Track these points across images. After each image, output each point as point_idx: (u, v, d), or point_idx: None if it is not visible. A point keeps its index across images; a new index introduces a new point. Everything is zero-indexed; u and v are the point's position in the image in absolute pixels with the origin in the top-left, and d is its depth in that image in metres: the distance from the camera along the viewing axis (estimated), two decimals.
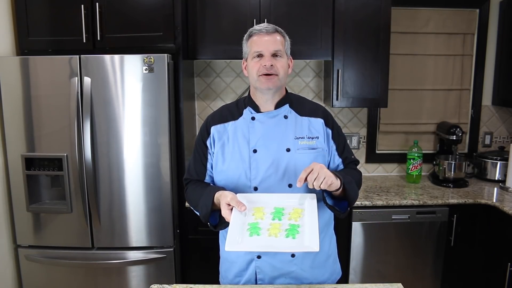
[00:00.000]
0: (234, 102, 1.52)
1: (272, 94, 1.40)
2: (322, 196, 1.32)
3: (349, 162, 1.50)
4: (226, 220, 1.24)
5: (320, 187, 1.20)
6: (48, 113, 2.17)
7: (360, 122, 2.95)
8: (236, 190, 1.37)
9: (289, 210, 1.28)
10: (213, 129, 1.45)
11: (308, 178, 1.21)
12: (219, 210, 1.29)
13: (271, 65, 1.34)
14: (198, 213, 1.40)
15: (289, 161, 1.37)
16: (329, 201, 1.32)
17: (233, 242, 1.14)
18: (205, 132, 1.47)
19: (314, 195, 1.30)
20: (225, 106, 1.54)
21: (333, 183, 1.23)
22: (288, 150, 1.38)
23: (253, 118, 1.42)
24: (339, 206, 1.34)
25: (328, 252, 1.50)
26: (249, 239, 1.17)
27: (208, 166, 1.47)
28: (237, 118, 1.45)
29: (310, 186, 1.21)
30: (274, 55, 1.36)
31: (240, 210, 1.23)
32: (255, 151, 1.39)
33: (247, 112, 1.44)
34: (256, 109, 1.43)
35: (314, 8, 2.44)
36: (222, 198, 1.26)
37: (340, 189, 1.29)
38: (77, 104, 2.13)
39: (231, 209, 1.24)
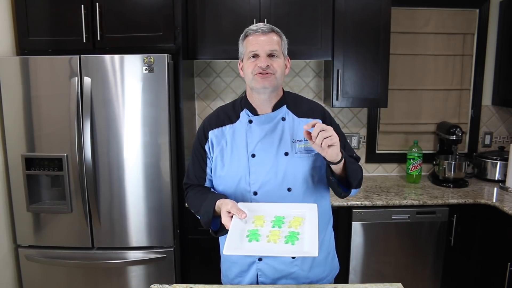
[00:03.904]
0: (230, 104, 1.50)
1: (269, 94, 1.37)
2: (326, 171, 1.31)
3: None
4: (226, 228, 1.23)
5: (322, 144, 1.17)
6: (48, 113, 2.17)
7: (360, 122, 2.95)
8: (235, 195, 1.37)
9: (290, 218, 1.27)
10: (211, 133, 1.43)
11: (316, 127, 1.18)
12: (220, 216, 1.28)
13: (267, 65, 1.31)
14: (199, 217, 1.40)
15: (288, 165, 1.36)
16: (333, 178, 1.31)
17: (232, 247, 1.13)
18: (203, 136, 1.45)
19: (315, 205, 1.29)
20: (221, 108, 1.51)
21: (335, 145, 1.19)
22: (286, 154, 1.37)
23: (250, 121, 1.40)
24: (341, 185, 1.34)
25: (328, 249, 1.50)
26: (248, 244, 1.17)
27: (208, 170, 1.46)
28: (235, 121, 1.43)
29: (313, 139, 1.19)
30: (270, 55, 1.33)
31: (240, 217, 1.22)
32: (253, 155, 1.37)
33: (244, 115, 1.42)
34: (253, 111, 1.41)
35: (314, 9, 2.44)
36: (223, 205, 1.26)
37: (341, 166, 1.27)
38: (77, 104, 2.13)
39: (231, 216, 1.24)
